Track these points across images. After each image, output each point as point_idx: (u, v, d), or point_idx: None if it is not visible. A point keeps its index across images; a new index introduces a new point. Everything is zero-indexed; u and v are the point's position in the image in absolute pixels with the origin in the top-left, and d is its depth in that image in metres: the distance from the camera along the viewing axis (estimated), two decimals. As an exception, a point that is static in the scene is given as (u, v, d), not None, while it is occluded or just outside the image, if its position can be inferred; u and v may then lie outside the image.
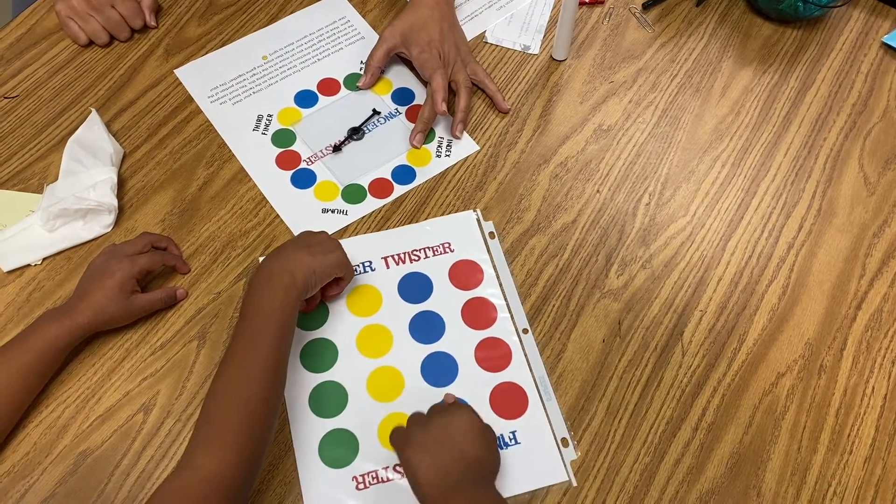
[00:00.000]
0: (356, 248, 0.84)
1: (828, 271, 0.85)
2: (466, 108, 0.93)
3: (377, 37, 0.99)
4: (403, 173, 0.92)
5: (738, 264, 0.86)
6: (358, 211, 0.88)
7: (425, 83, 0.95)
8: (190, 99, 0.96)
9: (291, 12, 1.04)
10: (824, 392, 0.78)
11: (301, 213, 0.87)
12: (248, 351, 0.67)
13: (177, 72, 0.98)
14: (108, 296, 0.75)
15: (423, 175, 0.91)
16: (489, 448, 0.68)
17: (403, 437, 0.68)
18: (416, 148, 0.93)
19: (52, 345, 0.73)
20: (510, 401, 0.76)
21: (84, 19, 0.97)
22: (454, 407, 0.70)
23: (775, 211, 0.89)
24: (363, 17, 1.04)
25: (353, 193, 0.90)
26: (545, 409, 0.75)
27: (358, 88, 0.97)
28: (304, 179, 0.90)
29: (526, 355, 0.78)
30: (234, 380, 0.66)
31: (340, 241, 0.82)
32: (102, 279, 0.76)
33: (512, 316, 0.81)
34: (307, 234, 0.78)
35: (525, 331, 0.80)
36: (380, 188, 0.90)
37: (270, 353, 0.68)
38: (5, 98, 0.95)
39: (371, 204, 0.89)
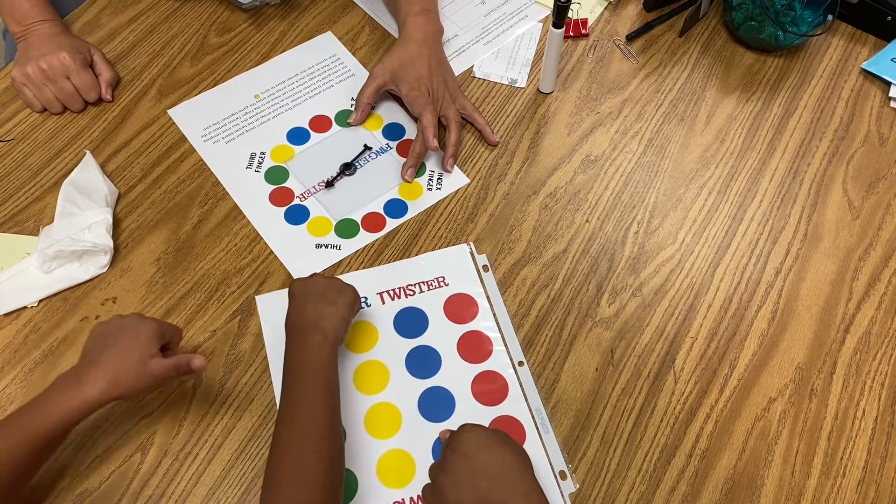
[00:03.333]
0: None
1: (816, 295, 0.87)
2: (457, 142, 0.95)
3: (367, 74, 1.00)
4: (395, 207, 0.93)
5: (727, 290, 0.87)
6: (351, 245, 0.89)
7: (415, 118, 0.97)
8: (183, 139, 0.97)
9: (282, 51, 1.06)
10: (816, 416, 0.79)
11: (295, 248, 0.89)
12: (303, 409, 0.68)
13: (170, 112, 0.99)
14: (129, 361, 0.68)
15: (415, 208, 0.93)
16: (510, 447, 0.67)
17: (435, 490, 0.68)
18: (408, 182, 0.94)
19: (62, 419, 0.66)
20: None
21: (39, 88, 0.96)
22: (458, 433, 0.69)
23: (762, 237, 0.91)
24: (353, 54, 1.06)
25: (346, 228, 0.91)
26: (542, 442, 0.76)
27: (349, 125, 0.99)
28: (297, 215, 0.92)
29: (522, 388, 0.79)
30: (297, 437, 0.67)
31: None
32: (120, 340, 0.69)
33: (507, 348, 0.81)
34: (310, 283, 0.77)
35: (520, 363, 0.81)
36: (372, 222, 0.92)
37: (324, 408, 0.69)
38: (1, 141, 0.96)
39: (364, 238, 0.90)
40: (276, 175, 0.95)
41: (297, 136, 0.98)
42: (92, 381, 0.66)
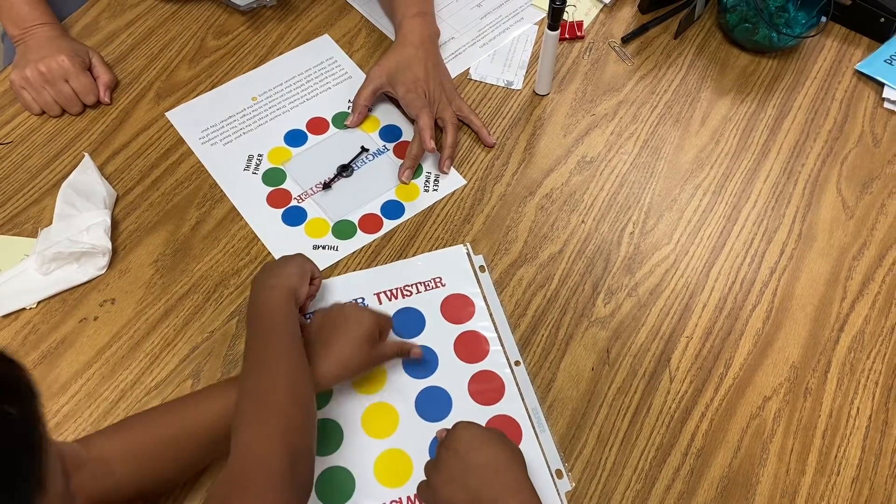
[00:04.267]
0: (348, 286, 0.86)
1: (810, 295, 0.87)
2: (453, 143, 0.95)
3: (364, 76, 1.01)
4: (392, 208, 0.93)
5: (722, 290, 0.87)
6: (348, 247, 0.90)
7: (412, 121, 0.97)
8: (181, 141, 0.97)
9: (280, 54, 1.06)
10: (810, 414, 0.79)
11: (292, 250, 0.88)
12: (263, 349, 0.70)
13: (168, 114, 1.00)
14: (358, 345, 0.73)
15: (412, 209, 0.93)
16: (503, 445, 0.67)
17: (428, 488, 0.68)
18: (405, 183, 0.95)
19: None
20: (505, 434, 0.76)
21: (37, 90, 0.96)
22: (452, 431, 0.69)
23: (757, 237, 0.92)
24: (350, 57, 1.07)
25: (343, 229, 0.91)
26: (539, 441, 0.76)
27: (346, 127, 0.99)
28: (295, 217, 0.92)
29: (518, 387, 0.79)
30: (258, 372, 0.68)
31: (333, 277, 0.85)
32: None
33: (504, 348, 0.82)
34: (260, 270, 0.80)
35: (517, 363, 0.81)
36: (370, 223, 0.92)
37: (285, 342, 0.70)
38: (0, 144, 0.96)
39: (361, 239, 0.91)
40: (274, 177, 0.95)
41: (295, 138, 0.99)
42: (326, 364, 0.72)
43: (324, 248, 0.90)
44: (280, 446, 0.62)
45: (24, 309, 0.84)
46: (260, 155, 0.97)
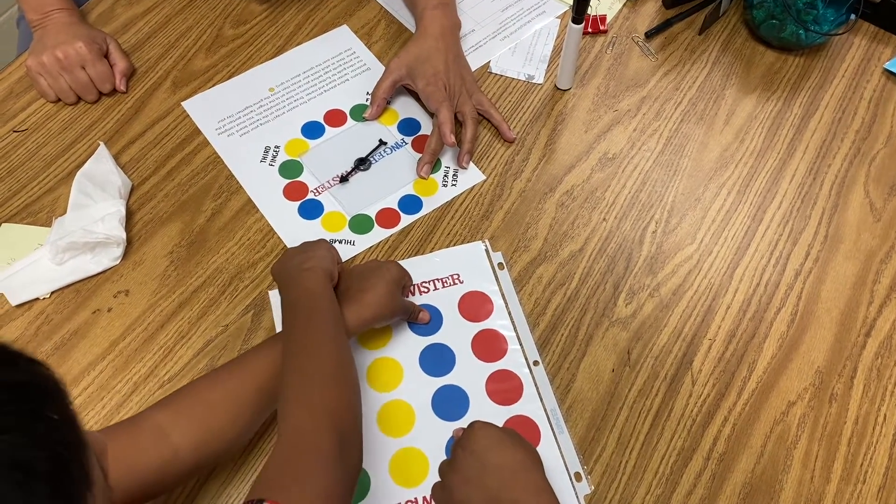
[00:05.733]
0: (364, 280, 0.85)
1: (836, 298, 0.85)
2: (473, 138, 0.94)
3: (383, 68, 0.99)
4: (410, 203, 0.92)
5: (746, 292, 0.86)
6: (365, 241, 0.89)
7: (431, 114, 0.96)
8: (197, 131, 0.96)
9: (298, 44, 1.05)
10: (836, 420, 0.78)
11: (309, 243, 0.88)
12: (306, 330, 0.69)
13: (184, 104, 0.98)
14: (391, 290, 0.77)
15: (430, 204, 0.92)
16: (521, 446, 0.66)
17: (444, 489, 0.67)
18: (424, 178, 0.93)
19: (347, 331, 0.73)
20: (522, 435, 0.75)
21: (54, 77, 0.96)
22: (468, 431, 0.67)
23: (782, 238, 0.90)
24: (368, 48, 1.05)
25: (360, 223, 0.90)
26: (557, 443, 0.75)
27: (364, 119, 0.98)
28: (311, 210, 0.91)
29: (537, 387, 0.78)
30: (303, 354, 0.67)
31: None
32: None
33: (522, 347, 0.80)
34: (284, 255, 0.80)
35: (536, 363, 0.80)
36: (387, 218, 0.91)
37: (328, 324, 0.70)
38: (14, 132, 0.95)
39: (378, 234, 0.89)
40: (291, 169, 0.94)
41: (312, 129, 0.97)
42: (359, 307, 0.75)
43: (340, 242, 0.88)
44: (328, 428, 0.61)
45: (37, 299, 0.83)
46: (277, 146, 0.95)
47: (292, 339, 0.69)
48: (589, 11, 1.01)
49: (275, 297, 0.83)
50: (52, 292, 0.83)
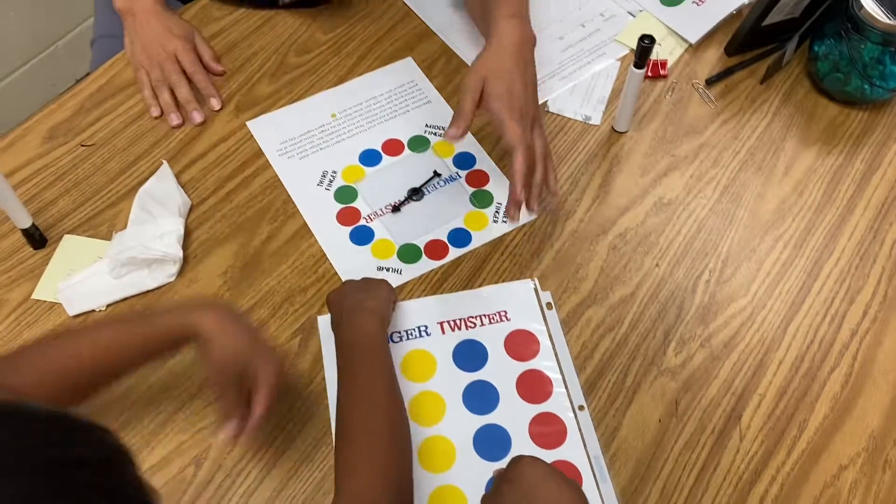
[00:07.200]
0: (412, 312, 0.85)
1: (894, 361, 0.83)
2: (542, 181, 0.90)
3: (444, 102, 1.00)
4: (459, 236, 0.92)
5: (799, 348, 0.84)
6: (412, 271, 0.89)
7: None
8: (259, 153, 0.98)
9: (359, 75, 1.06)
10: (889, 488, 0.75)
11: (357, 269, 0.88)
12: (366, 378, 0.70)
13: (249, 123, 1.00)
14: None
15: (480, 239, 0.92)
16: (569, 483, 0.63)
17: None
18: (515, 222, 0.92)
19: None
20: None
21: (158, 89, 1.02)
22: (514, 465, 0.64)
23: (838, 295, 0.88)
24: (430, 81, 1.06)
25: (408, 253, 0.91)
26: (600, 491, 0.74)
27: (427, 149, 0.98)
28: (362, 236, 0.92)
29: (581, 433, 0.77)
30: (363, 406, 0.68)
31: (398, 302, 0.83)
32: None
33: (568, 390, 0.80)
34: (345, 285, 0.82)
35: (581, 407, 0.79)
36: (435, 250, 0.91)
37: (387, 374, 0.71)
38: (82, 146, 0.98)
39: (426, 265, 0.90)
40: (346, 194, 0.95)
41: (370, 157, 0.99)
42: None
43: (388, 269, 0.89)
44: (385, 487, 0.63)
45: (93, 311, 0.85)
46: (334, 171, 0.97)
47: (349, 381, 0.70)
48: (651, 56, 1.01)
49: (323, 323, 0.84)
50: (108, 305, 0.85)
